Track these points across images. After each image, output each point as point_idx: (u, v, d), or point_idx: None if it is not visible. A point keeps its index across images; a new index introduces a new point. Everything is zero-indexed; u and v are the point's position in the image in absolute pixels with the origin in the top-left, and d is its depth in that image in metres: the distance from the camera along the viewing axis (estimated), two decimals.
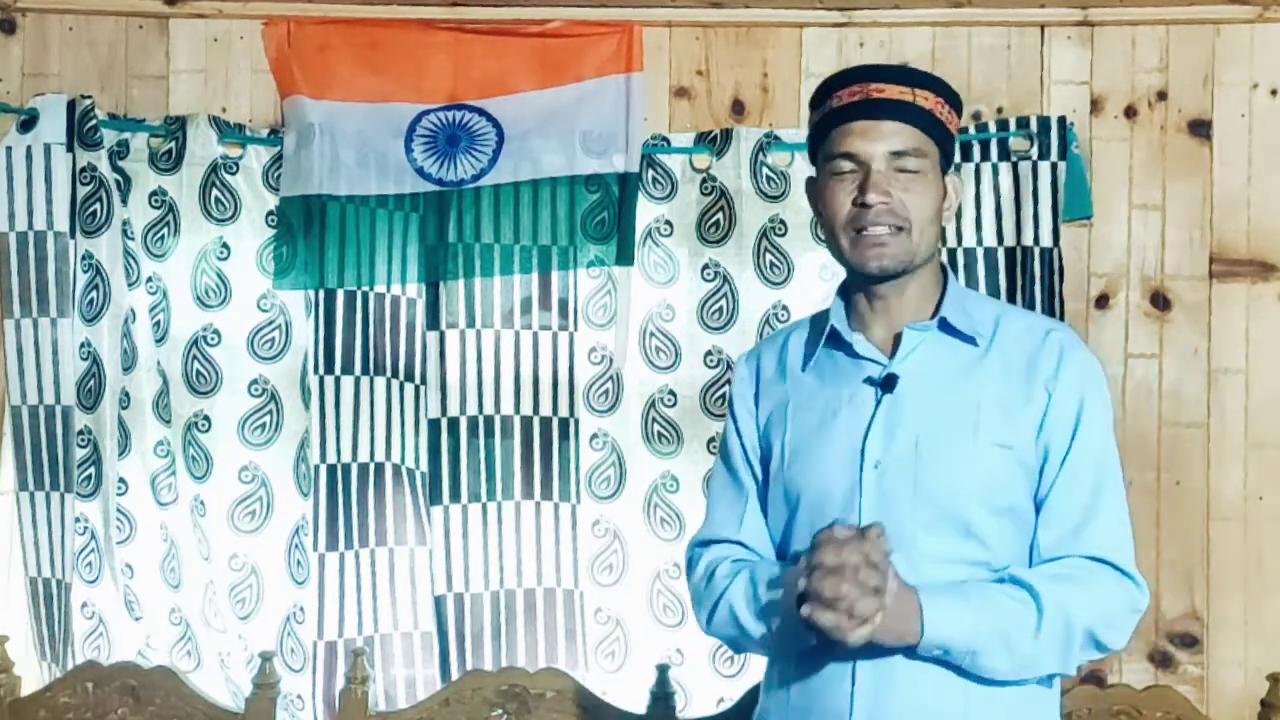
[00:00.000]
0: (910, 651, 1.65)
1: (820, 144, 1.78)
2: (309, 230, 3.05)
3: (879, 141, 1.72)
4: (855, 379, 1.78)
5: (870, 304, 1.79)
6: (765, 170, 3.05)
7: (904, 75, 1.77)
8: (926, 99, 1.75)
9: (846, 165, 1.74)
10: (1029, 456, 1.72)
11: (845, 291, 1.84)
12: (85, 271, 3.04)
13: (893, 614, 1.58)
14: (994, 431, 1.71)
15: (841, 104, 1.76)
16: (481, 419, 3.08)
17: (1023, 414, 1.72)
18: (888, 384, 1.75)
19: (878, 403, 1.75)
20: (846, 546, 1.57)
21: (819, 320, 1.87)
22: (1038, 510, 1.73)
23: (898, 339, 1.78)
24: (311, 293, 3.07)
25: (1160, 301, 3.07)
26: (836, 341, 1.81)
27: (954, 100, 1.80)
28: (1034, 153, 3.01)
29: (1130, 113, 3.08)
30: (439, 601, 3.06)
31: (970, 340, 1.76)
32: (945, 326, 1.76)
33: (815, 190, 1.80)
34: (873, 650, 1.63)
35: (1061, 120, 3.02)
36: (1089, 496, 1.72)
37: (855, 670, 1.69)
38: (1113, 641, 1.71)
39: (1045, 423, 1.72)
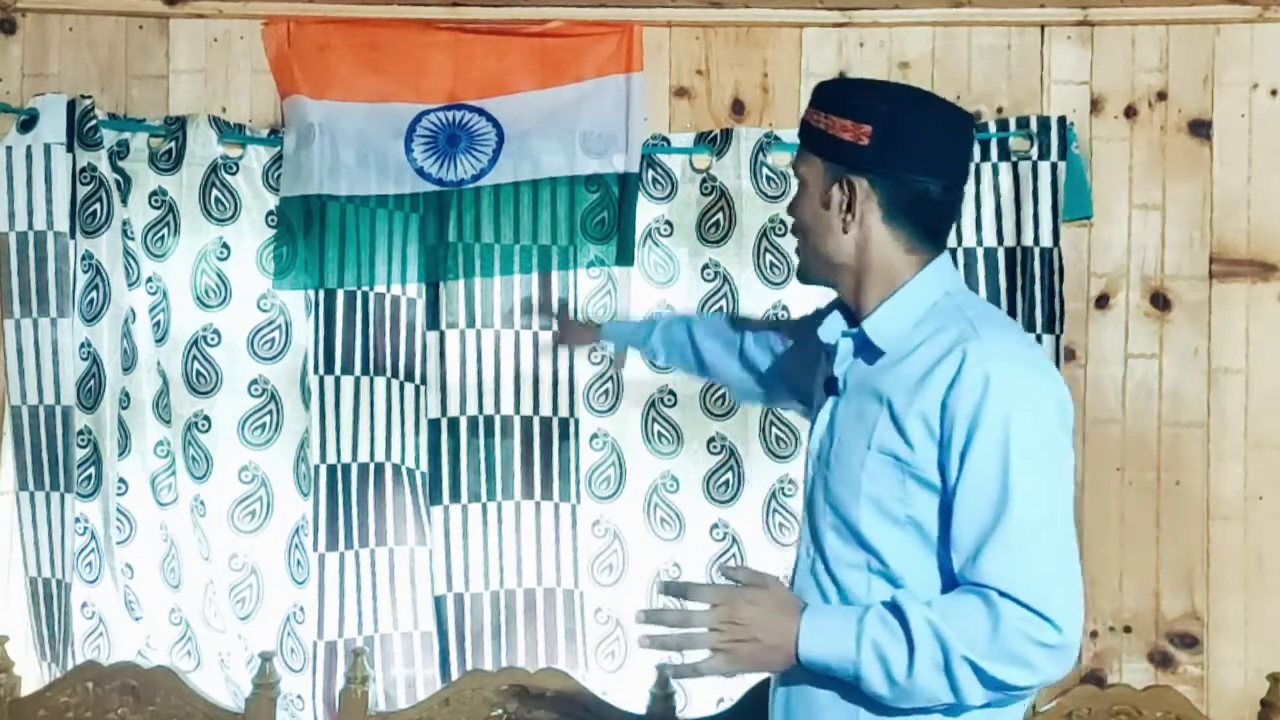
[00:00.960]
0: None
1: None
2: (309, 230, 3.05)
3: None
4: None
5: (845, 307, 1.86)
6: (765, 170, 3.05)
7: (813, 94, 1.85)
8: (809, 114, 1.82)
9: None
10: (929, 472, 1.68)
11: None
12: (85, 271, 3.04)
13: (771, 631, 1.68)
14: (884, 441, 1.70)
15: None
16: (481, 419, 3.08)
17: (913, 427, 1.68)
18: (829, 386, 1.82)
19: (825, 401, 1.84)
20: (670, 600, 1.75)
21: None
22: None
23: None
24: (311, 293, 3.07)
25: (1160, 301, 3.07)
26: None
27: (837, 104, 1.79)
28: (1034, 153, 3.01)
29: (1130, 113, 3.08)
30: (439, 601, 3.06)
31: (880, 351, 1.76)
32: (862, 336, 1.78)
33: None
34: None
35: (1061, 120, 3.02)
36: (987, 521, 1.63)
37: (776, 678, 1.81)
38: (1014, 677, 1.61)
39: (941, 439, 1.67)
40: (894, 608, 1.64)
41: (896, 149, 1.74)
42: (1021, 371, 1.68)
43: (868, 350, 1.78)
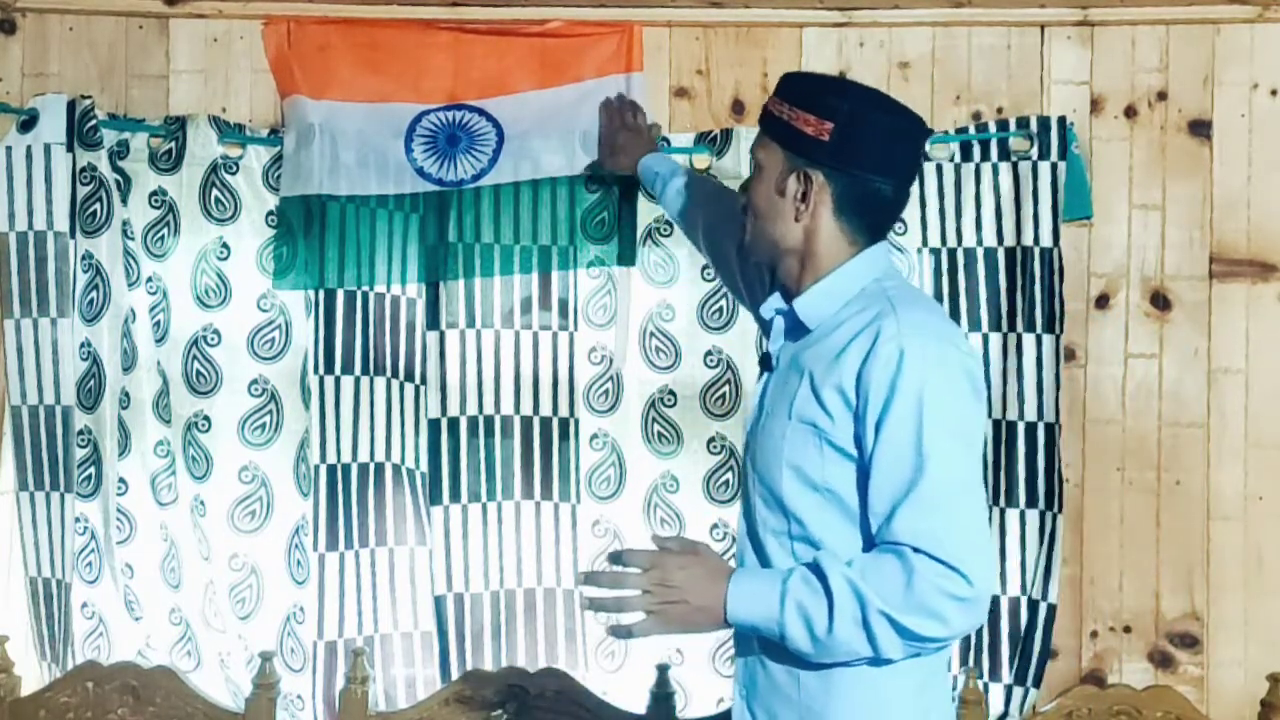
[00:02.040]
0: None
1: None
2: (309, 230, 3.05)
3: None
4: None
5: (782, 287, 1.96)
6: None
7: (777, 87, 1.94)
8: (773, 103, 1.91)
9: None
10: (844, 441, 1.78)
11: None
12: (85, 271, 3.04)
13: (700, 593, 1.79)
14: (803, 411, 1.81)
15: None
16: (481, 419, 3.08)
17: (830, 397, 1.78)
18: (764, 363, 1.95)
19: (761, 377, 1.96)
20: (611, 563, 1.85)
21: None
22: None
23: None
24: (311, 293, 3.07)
25: (1160, 301, 3.07)
26: None
27: (803, 97, 1.87)
28: (1034, 153, 3.01)
29: (1130, 113, 3.08)
30: (439, 601, 3.06)
31: (807, 328, 1.88)
32: (792, 314, 1.90)
33: None
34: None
35: (1061, 120, 3.02)
36: (903, 483, 1.72)
37: (737, 638, 1.94)
38: (927, 629, 1.70)
39: (858, 410, 1.77)
40: (814, 567, 1.75)
41: (855, 148, 1.84)
42: (933, 344, 1.77)
43: (797, 328, 1.89)
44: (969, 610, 1.71)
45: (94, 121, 3.03)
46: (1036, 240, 2.99)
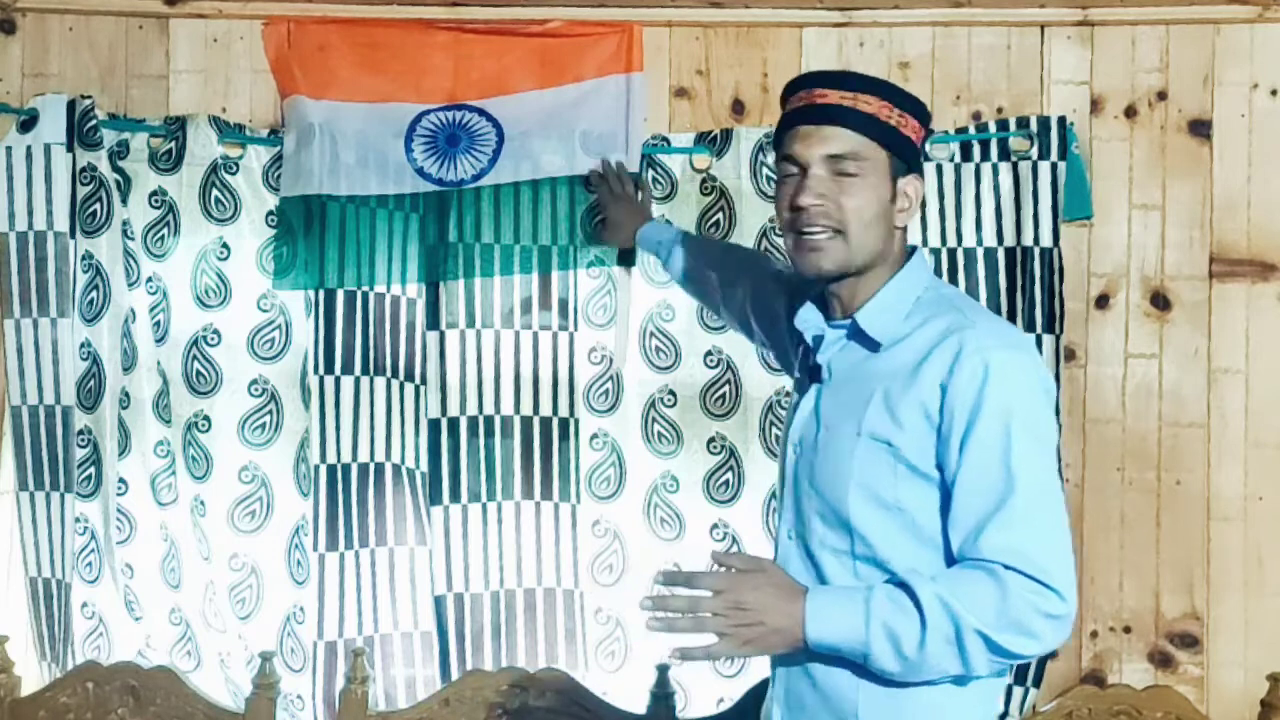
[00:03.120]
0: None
1: (778, 148, 1.89)
2: (309, 230, 3.05)
3: (817, 146, 1.79)
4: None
5: (831, 296, 1.89)
6: (765, 170, 3.05)
7: (847, 81, 1.84)
8: (869, 103, 1.80)
9: (790, 168, 1.83)
10: (918, 457, 1.74)
11: None
12: (85, 271, 3.04)
13: (776, 614, 1.70)
14: (873, 426, 1.76)
15: (790, 109, 1.85)
16: (481, 419, 3.08)
17: (908, 413, 1.73)
18: (814, 374, 1.87)
19: (808, 389, 1.89)
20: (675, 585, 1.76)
21: None
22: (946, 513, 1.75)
23: None
24: (311, 293, 3.07)
25: (1160, 301, 3.07)
26: None
27: (908, 104, 1.83)
28: (1034, 153, 3.01)
29: (1130, 113, 3.08)
30: (439, 601, 3.06)
31: (872, 340, 1.82)
32: (855, 327, 1.83)
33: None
34: None
35: (1061, 120, 3.02)
36: (991, 501, 1.69)
37: (774, 657, 1.86)
38: (1020, 647, 1.68)
39: (940, 427, 1.73)
40: (902, 585, 1.69)
41: (925, 149, 1.85)
42: (1015, 357, 1.74)
43: (859, 340, 1.83)
44: (1060, 626, 1.68)
45: (94, 121, 3.03)
46: (1036, 240, 2.99)
